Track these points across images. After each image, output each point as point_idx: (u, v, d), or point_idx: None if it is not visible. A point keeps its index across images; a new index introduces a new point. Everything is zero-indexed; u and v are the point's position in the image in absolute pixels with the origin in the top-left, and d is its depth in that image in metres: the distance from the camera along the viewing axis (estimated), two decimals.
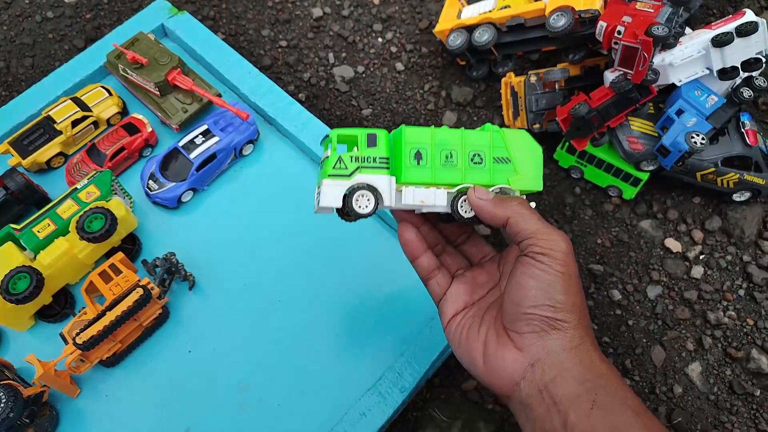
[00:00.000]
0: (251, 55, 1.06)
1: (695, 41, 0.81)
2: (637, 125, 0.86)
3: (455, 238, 0.58)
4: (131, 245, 0.81)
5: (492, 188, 0.53)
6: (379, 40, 1.08)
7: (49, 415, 0.70)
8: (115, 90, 0.91)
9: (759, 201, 0.91)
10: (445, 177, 0.53)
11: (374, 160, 0.53)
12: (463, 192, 0.53)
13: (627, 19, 0.78)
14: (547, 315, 0.46)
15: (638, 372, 0.80)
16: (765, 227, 0.90)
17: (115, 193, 0.80)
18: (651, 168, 0.86)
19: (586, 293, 0.86)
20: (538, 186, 0.55)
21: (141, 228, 0.84)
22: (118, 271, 0.73)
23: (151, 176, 0.84)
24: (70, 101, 0.87)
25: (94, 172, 0.80)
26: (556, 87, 0.91)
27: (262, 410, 0.72)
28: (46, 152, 0.85)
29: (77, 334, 0.67)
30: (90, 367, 0.71)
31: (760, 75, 0.85)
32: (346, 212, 0.52)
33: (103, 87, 0.91)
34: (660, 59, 0.82)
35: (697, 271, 0.86)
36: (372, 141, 0.53)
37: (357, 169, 0.52)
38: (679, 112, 0.81)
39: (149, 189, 0.84)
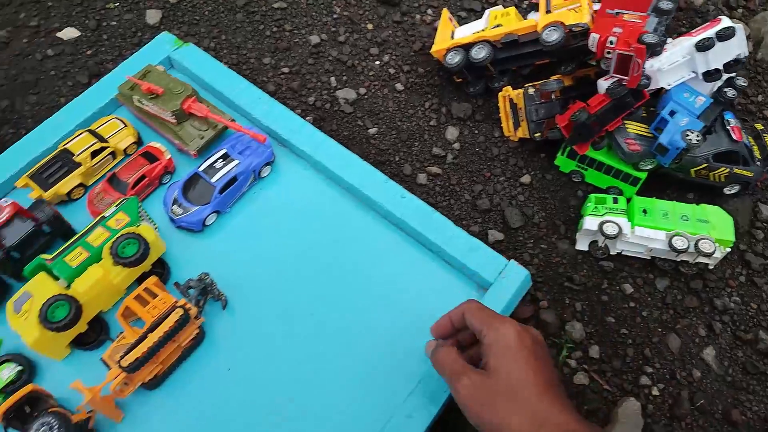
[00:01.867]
0: (255, 82, 1.09)
1: (679, 47, 0.88)
2: (633, 128, 0.92)
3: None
4: (161, 270, 0.82)
5: (696, 235, 0.85)
6: (377, 62, 1.13)
7: None
8: (129, 120, 0.93)
9: (747, 193, 0.97)
10: (663, 224, 0.87)
11: (617, 210, 0.90)
12: (676, 234, 0.86)
13: (618, 30, 0.84)
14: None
15: (658, 360, 0.85)
16: (756, 217, 0.97)
17: (143, 219, 0.81)
18: (649, 167, 0.92)
19: (599, 289, 0.90)
20: (730, 236, 0.86)
21: (166, 253, 0.85)
22: (153, 295, 0.74)
23: (175, 201, 0.86)
24: (87, 133, 0.89)
25: (121, 199, 0.81)
26: (552, 97, 0.96)
27: (302, 424, 0.74)
28: (67, 184, 0.85)
29: (121, 358, 0.68)
30: (133, 390, 0.71)
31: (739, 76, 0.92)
32: (598, 249, 0.91)
33: (117, 118, 0.92)
34: (649, 65, 0.88)
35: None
36: (615, 200, 0.91)
37: (605, 213, 0.89)
38: (672, 113, 0.87)
39: (173, 214, 0.85)
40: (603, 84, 0.90)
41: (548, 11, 0.95)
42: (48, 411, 0.64)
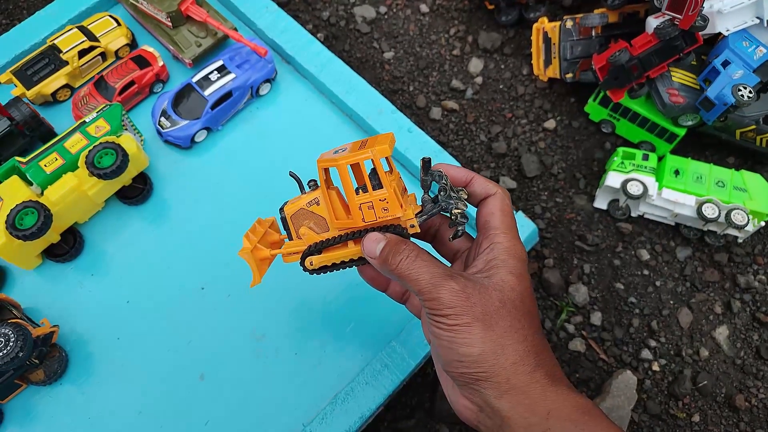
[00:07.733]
0: None
1: None
2: (679, 77, 0.81)
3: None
4: (142, 185, 0.77)
5: (729, 204, 0.77)
6: None
7: (59, 357, 0.67)
8: (123, 20, 0.86)
9: None
10: (694, 189, 0.79)
11: (645, 168, 0.81)
12: (707, 201, 0.78)
13: None
14: (461, 372, 0.42)
15: (664, 334, 0.78)
16: None
17: (126, 129, 0.75)
18: (690, 123, 0.82)
19: (612, 252, 0.83)
20: (767, 209, 0.78)
21: (152, 168, 0.80)
22: (389, 167, 0.46)
23: (163, 113, 0.80)
24: (76, 30, 0.82)
25: (104, 105, 0.75)
26: (593, 34, 0.86)
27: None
28: (51, 83, 0.80)
29: (310, 252, 0.49)
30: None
31: None
32: (618, 209, 0.83)
33: (111, 16, 0.85)
34: (708, 5, 0.76)
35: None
36: (645, 157, 0.82)
37: (632, 170, 0.81)
38: (725, 64, 0.76)
39: (161, 126, 0.79)
40: (652, 22, 0.79)
41: None
42: (7, 322, 0.61)
